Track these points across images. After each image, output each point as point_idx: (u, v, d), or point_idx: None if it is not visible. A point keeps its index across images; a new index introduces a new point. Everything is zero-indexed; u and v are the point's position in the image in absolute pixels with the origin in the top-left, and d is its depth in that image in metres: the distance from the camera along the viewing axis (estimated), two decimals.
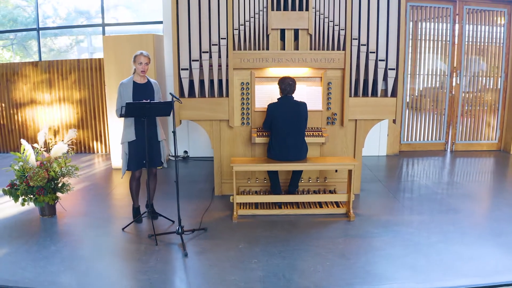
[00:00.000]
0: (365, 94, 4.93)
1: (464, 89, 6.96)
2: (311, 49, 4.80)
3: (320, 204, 4.67)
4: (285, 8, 4.70)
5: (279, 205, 4.63)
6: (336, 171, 5.09)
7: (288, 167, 4.45)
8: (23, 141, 4.42)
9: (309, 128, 4.90)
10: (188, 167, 6.83)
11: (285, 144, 4.41)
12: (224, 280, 3.23)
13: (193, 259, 3.60)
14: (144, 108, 3.81)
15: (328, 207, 4.61)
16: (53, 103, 7.14)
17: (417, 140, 7.15)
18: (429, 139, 7.16)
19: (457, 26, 6.69)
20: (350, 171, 4.48)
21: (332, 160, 4.62)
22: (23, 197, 4.21)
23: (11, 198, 4.20)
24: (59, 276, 3.29)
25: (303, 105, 4.47)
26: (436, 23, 6.74)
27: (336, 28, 4.69)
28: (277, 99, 4.51)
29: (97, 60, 6.94)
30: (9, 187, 4.19)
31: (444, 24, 6.73)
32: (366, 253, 3.64)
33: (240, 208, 4.59)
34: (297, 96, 4.86)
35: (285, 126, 4.40)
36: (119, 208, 4.88)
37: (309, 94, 4.92)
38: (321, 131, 4.86)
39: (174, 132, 3.82)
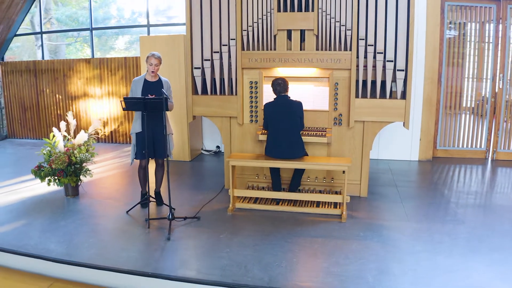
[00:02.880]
0: (373, 95, 4.82)
1: (509, 94, 6.40)
2: (317, 49, 4.82)
3: (318, 204, 4.69)
4: (292, 9, 4.78)
5: (277, 201, 4.74)
6: (343, 172, 5.04)
7: (280, 164, 4.54)
8: (54, 129, 5.03)
9: (313, 128, 4.94)
10: (219, 161, 7.14)
11: (278, 142, 4.51)
12: (188, 264, 3.47)
13: (174, 243, 3.88)
14: (140, 103, 4.16)
15: (325, 207, 4.62)
16: (103, 96, 7.90)
17: (455, 146, 6.72)
18: (468, 146, 6.69)
19: (500, 27, 6.18)
20: (348, 172, 4.45)
21: (326, 160, 4.61)
22: (48, 178, 4.80)
23: (37, 177, 4.82)
24: (54, 246, 3.77)
25: (296, 104, 4.53)
26: (478, 24, 6.29)
27: (343, 28, 4.66)
28: (273, 98, 4.62)
29: (140, 58, 7.52)
30: (36, 168, 4.81)
31: (486, 25, 6.25)
32: (339, 254, 3.63)
33: (240, 202, 4.78)
34: (305, 95, 4.94)
35: (278, 124, 4.50)
36: (137, 194, 5.30)
37: (316, 94, 4.95)
38: (325, 131, 4.86)
39: (165, 126, 4.11)
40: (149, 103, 4.16)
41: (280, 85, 4.53)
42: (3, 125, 8.29)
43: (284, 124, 4.49)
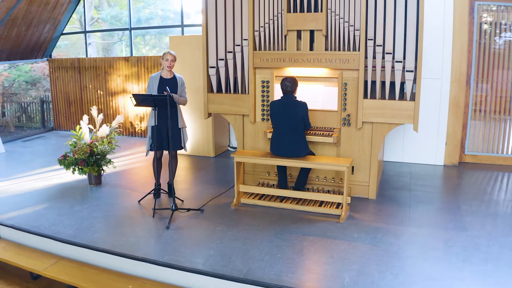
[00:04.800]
0: (383, 96, 4.76)
1: None
2: (326, 49, 4.84)
3: (321, 203, 4.71)
4: (301, 10, 4.83)
5: (281, 199, 4.84)
6: (352, 173, 5.05)
7: (282, 162, 4.63)
8: (81, 122, 5.47)
9: (322, 127, 4.97)
10: None
11: (280, 140, 4.61)
12: (177, 252, 3.68)
13: (171, 232, 4.12)
14: (148, 99, 4.45)
15: (328, 207, 4.64)
16: (140, 93, 8.36)
17: (484, 151, 6.39)
18: (499, 152, 6.34)
19: None
20: (347, 173, 4.45)
21: (325, 160, 4.62)
22: (73, 167, 5.24)
23: (62, 166, 5.27)
24: (65, 228, 4.16)
25: (300, 105, 4.58)
26: None
27: (351, 28, 4.64)
28: (280, 96, 4.71)
29: None
30: (62, 158, 5.26)
31: None
32: (324, 253, 3.68)
33: (246, 198, 4.93)
34: (314, 95, 4.98)
35: (280, 123, 4.60)
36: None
37: (325, 94, 4.98)
38: (332, 131, 4.88)
39: (169, 119, 4.36)
40: (156, 99, 4.43)
41: (288, 86, 4.61)
42: (50, 117, 9.06)
43: (286, 123, 4.58)
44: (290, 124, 4.57)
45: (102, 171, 5.47)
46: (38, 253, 3.88)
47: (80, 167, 5.18)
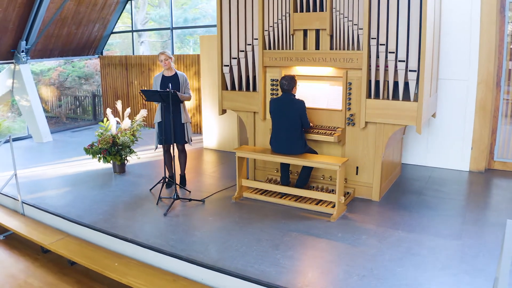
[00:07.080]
0: (388, 96, 4.67)
1: None
2: (331, 49, 4.85)
3: (318, 202, 4.75)
4: (308, 10, 4.89)
5: (282, 195, 4.95)
6: (356, 173, 5.02)
7: (279, 159, 4.74)
8: (108, 115, 5.98)
9: (326, 126, 4.99)
10: None
11: (278, 137, 4.72)
12: (165, 237, 4.00)
13: (167, 218, 4.44)
14: (156, 95, 4.79)
15: (324, 205, 4.66)
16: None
17: None
18: None
19: None
20: (340, 172, 4.46)
21: (318, 158, 4.64)
22: (99, 155, 5.77)
23: (88, 155, 5.81)
24: (77, 210, 4.65)
25: (298, 103, 4.65)
26: None
27: (355, 27, 4.62)
28: (280, 94, 4.82)
29: (200, 56, 8.20)
30: (88, 147, 5.81)
31: None
32: (299, 249, 3.76)
33: (249, 192, 5.11)
34: (320, 94, 5.03)
35: (278, 120, 4.71)
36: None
37: (331, 93, 4.99)
38: (334, 130, 4.88)
39: (169, 118, 4.66)
40: (162, 95, 4.76)
41: (285, 84, 4.71)
42: (101, 110, 9.88)
43: (284, 121, 4.68)
44: (287, 121, 4.66)
45: (126, 161, 5.94)
46: (50, 230, 4.40)
47: (103, 155, 5.69)
